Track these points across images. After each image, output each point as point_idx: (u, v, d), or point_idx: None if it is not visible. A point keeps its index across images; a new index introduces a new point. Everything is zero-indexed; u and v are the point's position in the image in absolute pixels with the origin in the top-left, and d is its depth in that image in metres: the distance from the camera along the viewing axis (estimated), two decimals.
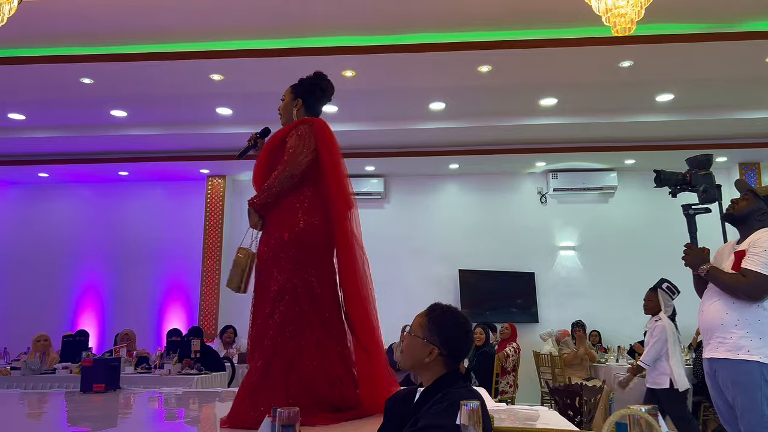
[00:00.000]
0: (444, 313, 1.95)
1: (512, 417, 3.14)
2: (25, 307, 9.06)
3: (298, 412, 1.35)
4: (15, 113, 7.14)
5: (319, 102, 3.44)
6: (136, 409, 3.81)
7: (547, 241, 9.19)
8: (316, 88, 3.41)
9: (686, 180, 3.22)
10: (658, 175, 3.26)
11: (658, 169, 3.28)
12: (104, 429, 2.96)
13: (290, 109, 3.34)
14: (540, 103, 6.89)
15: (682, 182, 3.23)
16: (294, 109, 3.33)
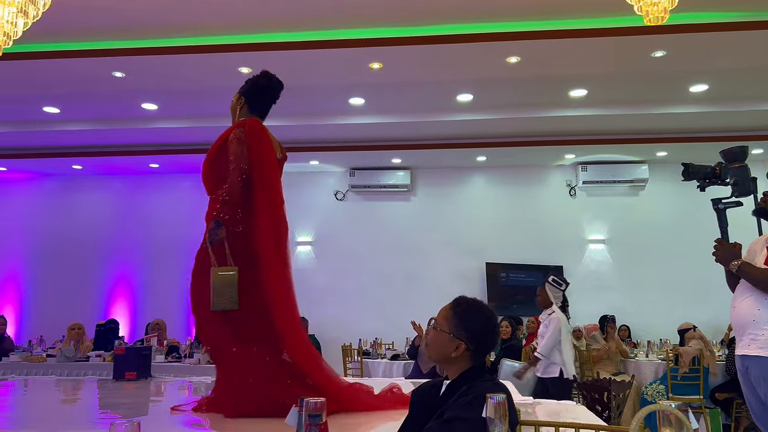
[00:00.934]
0: (470, 306, 1.93)
1: (538, 411, 3.13)
2: (60, 296, 9.29)
3: (324, 401, 1.36)
4: (50, 107, 7.30)
5: (262, 101, 3.44)
6: (167, 397, 3.89)
7: (576, 235, 9.08)
8: (256, 87, 3.42)
9: (715, 173, 3.14)
10: (686, 168, 3.19)
11: (686, 162, 3.21)
12: (136, 416, 3.03)
13: (235, 108, 3.38)
14: (569, 94, 6.79)
15: (711, 176, 3.15)
16: (238, 107, 3.37)
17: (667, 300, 8.57)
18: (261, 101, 3.44)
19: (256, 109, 3.41)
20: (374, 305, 9.00)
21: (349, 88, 6.67)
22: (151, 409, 3.19)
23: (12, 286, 9.62)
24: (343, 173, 9.46)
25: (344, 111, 7.38)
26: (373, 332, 8.38)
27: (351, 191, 9.43)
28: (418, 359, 6.19)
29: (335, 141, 8.32)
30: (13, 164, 9.20)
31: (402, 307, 8.88)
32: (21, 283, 9.65)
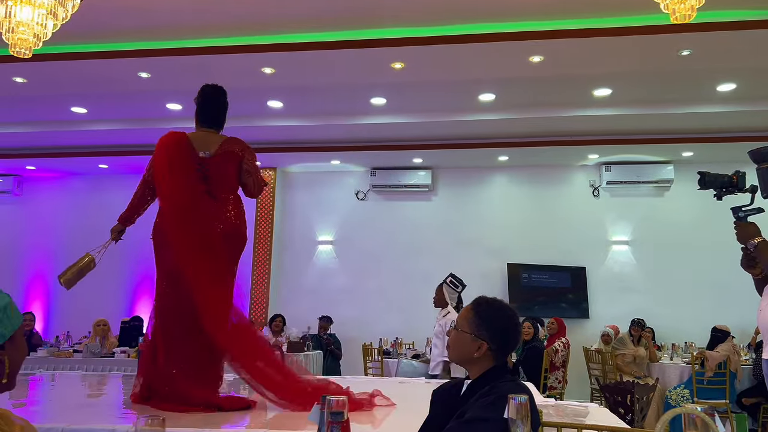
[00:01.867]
0: (490, 306, 1.93)
1: (560, 412, 3.10)
2: (86, 293, 9.38)
3: (347, 399, 1.37)
4: (77, 107, 7.44)
5: (202, 112, 3.78)
6: None
7: (600, 236, 8.98)
8: (196, 104, 3.85)
9: (732, 182, 3.05)
10: (702, 177, 3.11)
11: (702, 171, 3.14)
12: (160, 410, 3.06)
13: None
14: (594, 93, 6.72)
15: (728, 184, 3.07)
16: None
17: (692, 302, 8.43)
18: (202, 113, 3.80)
19: (202, 120, 3.80)
20: (395, 305, 9.01)
21: (370, 87, 6.69)
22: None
23: (40, 283, 9.82)
24: (364, 173, 9.48)
25: (366, 111, 7.39)
26: (393, 332, 8.38)
27: (372, 191, 9.45)
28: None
29: (356, 141, 8.34)
30: (41, 163, 9.39)
31: (422, 307, 8.84)
32: (49, 280, 9.84)
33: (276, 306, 9.10)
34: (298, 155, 8.82)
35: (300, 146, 8.53)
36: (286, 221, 9.62)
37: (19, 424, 1.21)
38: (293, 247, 9.51)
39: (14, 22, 3.46)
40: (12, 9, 3.45)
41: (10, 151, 8.98)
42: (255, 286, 9.18)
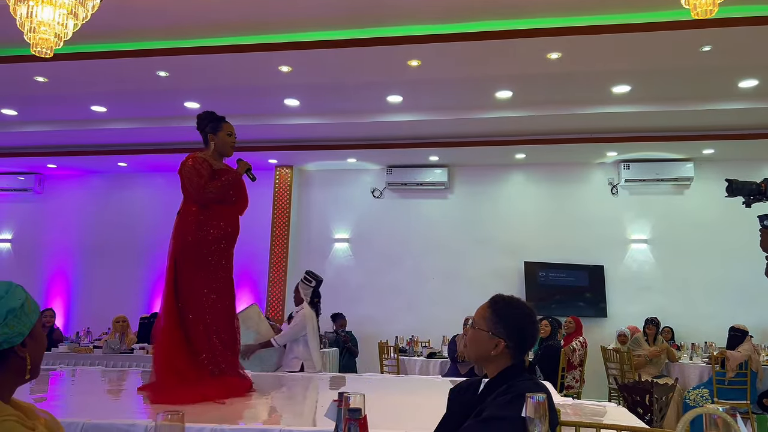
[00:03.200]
0: (507, 304, 1.92)
1: (578, 412, 3.08)
2: (106, 289, 9.58)
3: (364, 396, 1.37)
4: (97, 106, 7.52)
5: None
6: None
7: (618, 234, 8.89)
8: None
9: (761, 190, 3.00)
10: (729, 185, 3.07)
11: (729, 178, 3.09)
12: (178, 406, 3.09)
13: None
14: (612, 90, 6.65)
15: (756, 192, 3.02)
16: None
17: (712, 302, 8.32)
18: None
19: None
20: (411, 303, 9.01)
21: (387, 85, 6.68)
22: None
23: (61, 280, 9.96)
24: (380, 171, 9.48)
25: (382, 109, 7.39)
26: (409, 330, 8.38)
27: (388, 189, 9.44)
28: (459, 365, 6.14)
29: (373, 139, 8.35)
30: (62, 161, 9.52)
31: (438, 305, 8.87)
32: (69, 276, 9.98)
33: (292, 303, 9.11)
34: (315, 153, 8.84)
35: (316, 144, 8.56)
36: (303, 219, 9.66)
37: (44, 418, 1.23)
38: (309, 245, 9.54)
39: (36, 21, 3.50)
40: (33, 9, 3.49)
41: (31, 150, 9.11)
42: (272, 284, 9.23)
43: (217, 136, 3.87)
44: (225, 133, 3.89)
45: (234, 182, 3.81)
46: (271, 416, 3.26)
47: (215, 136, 3.87)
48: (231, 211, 3.84)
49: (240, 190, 3.89)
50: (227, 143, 3.90)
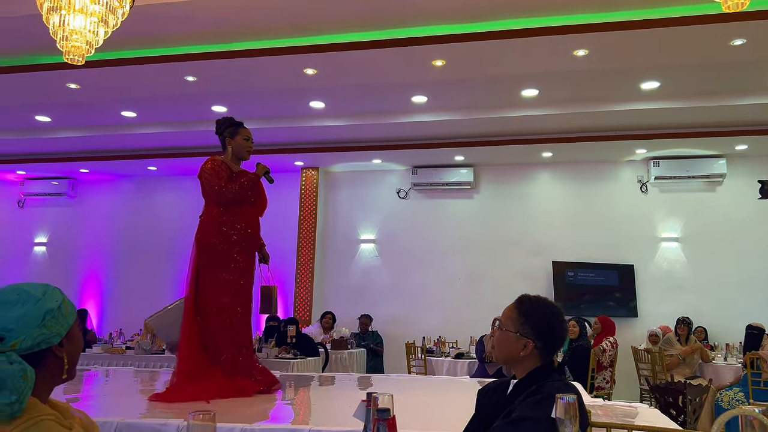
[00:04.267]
0: (534, 304, 1.90)
1: (609, 413, 3.04)
2: (138, 291, 9.75)
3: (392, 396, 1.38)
4: (127, 111, 7.67)
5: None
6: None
7: (648, 232, 8.75)
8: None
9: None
10: (762, 185, 2.99)
11: (762, 180, 3.01)
12: (207, 405, 3.14)
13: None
14: (641, 87, 6.55)
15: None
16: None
17: (746, 300, 8.13)
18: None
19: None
20: (437, 304, 8.98)
21: (411, 86, 6.68)
22: (224, 401, 3.30)
23: (94, 282, 10.18)
24: (405, 171, 9.48)
25: (407, 109, 7.39)
26: (436, 330, 8.36)
27: (413, 189, 9.44)
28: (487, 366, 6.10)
29: (398, 139, 8.35)
30: (94, 166, 9.72)
31: (465, 306, 8.83)
32: (102, 279, 10.19)
33: (319, 304, 9.19)
34: (340, 155, 8.88)
35: (342, 146, 8.59)
36: (329, 220, 9.71)
37: (79, 417, 1.26)
38: (336, 246, 9.59)
39: (68, 30, 3.58)
40: (65, 18, 3.57)
41: (65, 155, 9.32)
42: (299, 285, 9.29)
43: (235, 141, 3.98)
44: (242, 138, 3.99)
45: (253, 184, 3.89)
46: (299, 416, 3.28)
47: (233, 141, 3.98)
48: (251, 212, 3.94)
49: (259, 192, 3.98)
50: (244, 147, 4.00)
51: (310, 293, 9.25)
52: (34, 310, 1.20)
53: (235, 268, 3.78)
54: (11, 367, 1.12)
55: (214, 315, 3.67)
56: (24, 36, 5.70)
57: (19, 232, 10.50)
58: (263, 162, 4.14)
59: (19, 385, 1.12)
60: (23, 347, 1.16)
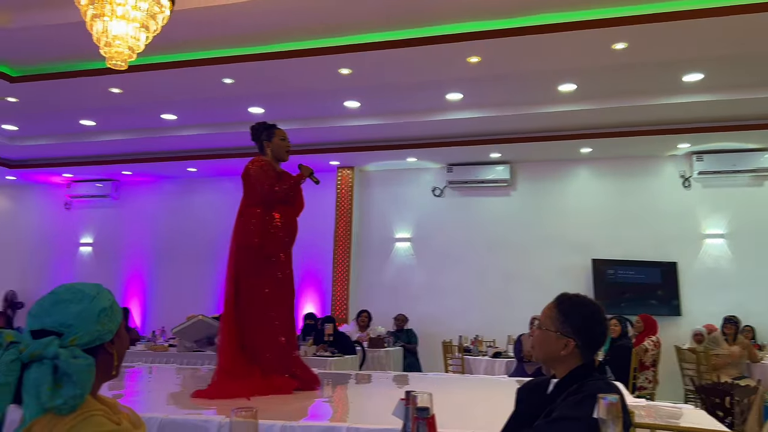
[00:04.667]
0: (574, 302, 1.87)
1: (652, 414, 2.98)
2: (180, 289, 9.97)
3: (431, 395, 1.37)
4: (167, 114, 7.84)
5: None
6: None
7: (692, 229, 8.51)
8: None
9: None
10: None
11: None
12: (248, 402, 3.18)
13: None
14: (683, 79, 6.37)
15: None
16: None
17: None
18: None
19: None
20: (474, 302, 8.93)
21: (446, 83, 6.65)
22: (264, 398, 3.34)
23: (137, 281, 10.45)
24: (440, 169, 9.44)
25: (442, 107, 7.36)
26: (473, 329, 8.30)
27: (449, 187, 9.39)
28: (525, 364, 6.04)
29: (433, 137, 8.33)
30: (136, 168, 9.97)
31: (503, 304, 8.75)
32: (144, 278, 10.45)
33: (356, 303, 9.23)
34: (375, 154, 8.90)
35: (377, 145, 8.61)
36: (364, 219, 9.74)
37: (125, 413, 1.29)
38: (371, 245, 9.62)
39: (110, 36, 3.69)
40: (108, 24, 3.68)
41: (108, 158, 9.60)
42: (336, 284, 9.35)
43: (272, 143, 4.06)
44: (279, 138, 4.07)
45: (298, 185, 3.99)
46: (337, 413, 3.31)
47: (270, 143, 4.06)
48: (291, 211, 4.02)
49: (298, 193, 4.08)
50: (282, 147, 4.08)
51: (347, 292, 9.30)
52: (91, 308, 1.25)
53: (276, 268, 3.85)
54: (77, 361, 1.16)
55: (256, 314, 3.73)
56: (68, 44, 5.89)
57: (67, 234, 10.85)
58: (300, 162, 4.18)
59: (84, 379, 1.17)
60: (81, 343, 1.21)
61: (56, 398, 1.14)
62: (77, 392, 1.16)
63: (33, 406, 1.14)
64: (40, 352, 1.15)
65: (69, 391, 1.15)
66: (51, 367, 1.15)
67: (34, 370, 1.15)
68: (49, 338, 1.18)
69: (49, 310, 1.23)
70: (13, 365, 1.14)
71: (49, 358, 1.15)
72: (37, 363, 1.16)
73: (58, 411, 1.15)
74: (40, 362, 1.15)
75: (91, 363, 1.19)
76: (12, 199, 11.30)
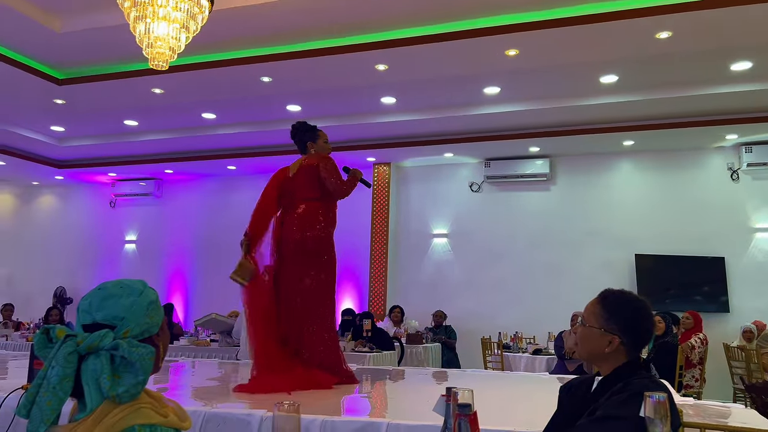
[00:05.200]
0: (618, 298, 1.82)
1: (700, 413, 2.89)
2: (220, 286, 10.08)
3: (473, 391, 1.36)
4: (207, 113, 7.98)
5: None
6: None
7: (740, 223, 8.23)
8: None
9: None
10: None
11: None
12: (288, 396, 3.22)
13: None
14: (731, 68, 6.16)
15: None
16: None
17: None
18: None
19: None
20: (513, 298, 8.83)
21: (483, 77, 6.58)
22: (303, 393, 3.38)
23: (180, 277, 10.68)
24: (478, 164, 9.36)
25: (479, 101, 7.29)
26: (512, 326, 8.22)
27: (486, 182, 9.30)
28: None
29: (470, 132, 8.25)
30: (177, 167, 10.19)
31: (543, 300, 8.63)
32: (186, 274, 10.67)
33: (393, 298, 9.24)
34: (412, 150, 8.88)
35: (413, 140, 8.59)
36: (401, 215, 9.73)
37: (171, 406, 1.32)
38: (408, 241, 9.60)
39: (152, 37, 3.77)
40: (150, 25, 3.76)
41: (151, 157, 9.82)
42: (373, 279, 9.38)
43: (317, 144, 4.17)
44: (323, 141, 4.20)
45: (356, 184, 4.08)
46: (376, 409, 3.31)
47: (315, 144, 4.16)
48: (335, 206, 4.11)
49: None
50: (326, 150, 4.20)
51: (384, 288, 9.32)
52: (140, 301, 1.29)
53: (327, 262, 3.95)
54: (138, 350, 1.20)
55: (306, 308, 3.79)
56: (112, 46, 6.04)
57: (112, 231, 11.16)
58: (336, 159, 4.21)
59: (147, 366, 1.21)
60: (132, 335, 1.25)
61: (117, 387, 1.18)
62: (139, 379, 1.20)
63: (95, 395, 1.18)
64: (97, 344, 1.19)
65: (130, 380, 1.19)
66: (108, 357, 1.19)
67: (92, 361, 1.19)
68: (104, 331, 1.22)
69: (100, 304, 1.27)
70: (70, 357, 1.18)
71: (106, 349, 1.19)
72: (94, 355, 1.19)
73: (120, 399, 1.18)
74: (97, 354, 1.19)
75: (152, 351, 1.23)
76: (60, 198, 11.69)
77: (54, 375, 1.17)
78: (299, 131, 4.21)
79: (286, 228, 3.93)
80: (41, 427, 1.15)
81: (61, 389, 1.16)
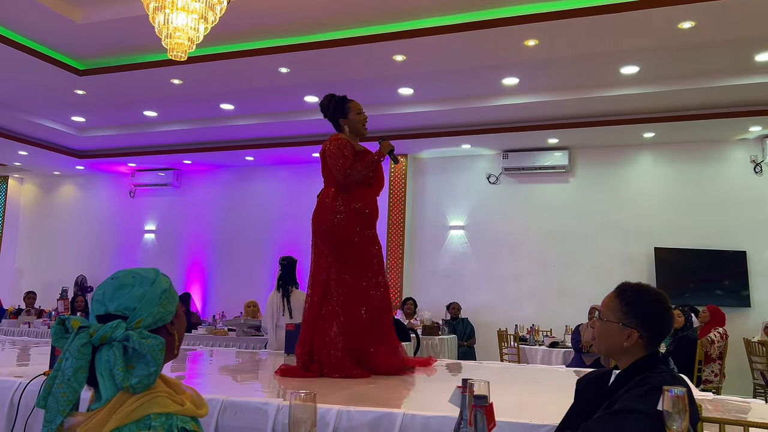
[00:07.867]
0: (637, 292, 1.80)
1: (719, 408, 2.86)
2: (238, 275, 10.23)
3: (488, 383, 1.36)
4: (225, 104, 8.01)
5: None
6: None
7: (763, 216, 8.09)
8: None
9: None
10: None
11: None
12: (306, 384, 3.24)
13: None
14: (755, 58, 6.03)
15: None
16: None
17: None
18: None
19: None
20: (530, 291, 8.79)
21: (502, 68, 6.52)
22: (320, 381, 3.40)
23: (198, 267, 10.78)
24: (495, 156, 9.30)
25: (497, 92, 7.23)
26: (529, 318, 8.19)
27: (504, 174, 9.25)
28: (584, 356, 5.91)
29: (488, 123, 8.20)
30: (196, 157, 10.26)
31: (560, 293, 8.58)
32: (204, 264, 10.77)
33: (409, 290, 9.25)
34: (429, 141, 8.85)
35: (431, 132, 8.55)
36: (418, 207, 9.71)
37: (189, 393, 1.33)
38: (425, 233, 9.59)
39: (171, 28, 3.79)
40: (169, 16, 3.78)
41: (170, 147, 9.90)
42: (389, 271, 9.39)
43: (348, 119, 3.77)
44: (354, 113, 3.78)
45: (376, 164, 3.70)
46: (392, 400, 3.32)
47: (347, 120, 3.77)
48: (368, 192, 3.75)
49: (378, 172, 3.78)
50: (359, 122, 3.79)
51: (400, 280, 9.33)
52: (152, 291, 1.31)
53: (354, 252, 3.63)
54: (149, 341, 1.22)
55: (335, 300, 3.60)
56: (132, 37, 6.09)
57: (131, 221, 11.30)
58: None
59: (157, 357, 1.23)
60: (145, 325, 1.27)
61: (131, 377, 1.20)
62: (152, 370, 1.22)
63: (109, 386, 1.20)
64: (109, 335, 1.21)
65: (143, 370, 1.21)
66: (121, 348, 1.21)
67: (105, 352, 1.21)
68: (116, 321, 1.23)
69: (112, 295, 1.28)
70: (84, 349, 1.20)
71: (118, 340, 1.21)
72: (107, 345, 1.21)
73: (134, 390, 1.20)
74: (110, 345, 1.21)
75: (162, 342, 1.25)
76: (80, 187, 11.85)
77: (68, 366, 1.19)
78: (328, 108, 3.80)
79: (313, 217, 3.71)
80: (58, 418, 1.17)
81: (76, 380, 1.18)
